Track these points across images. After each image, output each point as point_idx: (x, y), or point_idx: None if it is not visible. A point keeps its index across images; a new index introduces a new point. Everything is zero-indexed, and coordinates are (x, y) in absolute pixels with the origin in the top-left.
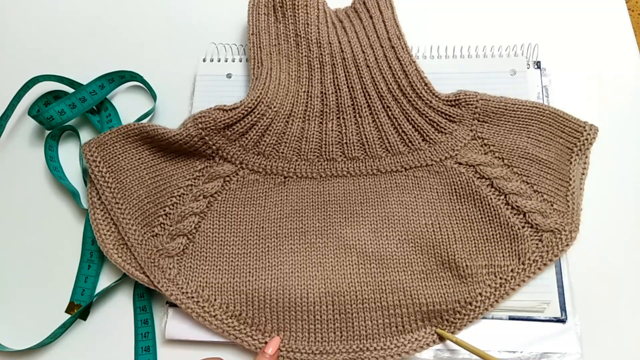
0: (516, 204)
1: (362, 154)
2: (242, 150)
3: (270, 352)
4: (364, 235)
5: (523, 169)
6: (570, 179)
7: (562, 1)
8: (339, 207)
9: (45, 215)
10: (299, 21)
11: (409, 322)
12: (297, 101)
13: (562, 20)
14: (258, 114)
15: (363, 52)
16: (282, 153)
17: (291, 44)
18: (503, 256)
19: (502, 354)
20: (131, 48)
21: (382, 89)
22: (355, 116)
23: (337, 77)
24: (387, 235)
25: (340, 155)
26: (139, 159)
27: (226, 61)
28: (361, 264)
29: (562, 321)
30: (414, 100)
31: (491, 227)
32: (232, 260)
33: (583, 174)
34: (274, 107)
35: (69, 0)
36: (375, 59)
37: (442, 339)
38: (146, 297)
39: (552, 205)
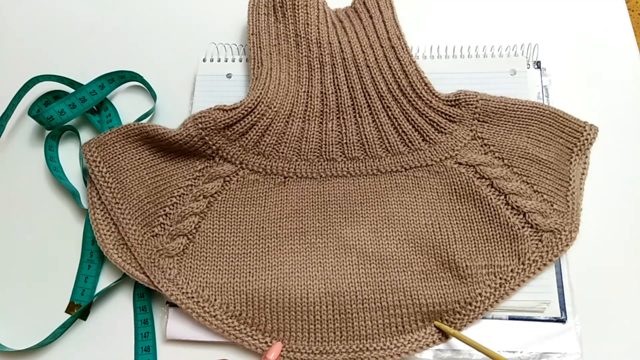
0: (516, 204)
1: (362, 154)
2: (242, 150)
3: (272, 358)
4: (364, 235)
5: (523, 169)
6: (570, 179)
7: (562, 1)
8: (339, 207)
9: (45, 215)
10: (299, 21)
11: (409, 323)
12: (297, 101)
13: (562, 20)
14: (258, 114)
15: (363, 52)
16: (282, 153)
17: (291, 44)
18: (503, 256)
19: (502, 354)
20: (131, 48)
21: (382, 89)
22: (355, 116)
23: (337, 77)
24: (387, 235)
25: (340, 155)
26: (139, 159)
27: (226, 61)
28: (361, 264)
29: (562, 321)
30: (414, 100)
31: (491, 227)
32: (232, 261)
33: (583, 174)
34: (274, 107)
35: (68, 1)
36: (375, 59)
37: (441, 338)
38: (146, 297)
39: (552, 205)
